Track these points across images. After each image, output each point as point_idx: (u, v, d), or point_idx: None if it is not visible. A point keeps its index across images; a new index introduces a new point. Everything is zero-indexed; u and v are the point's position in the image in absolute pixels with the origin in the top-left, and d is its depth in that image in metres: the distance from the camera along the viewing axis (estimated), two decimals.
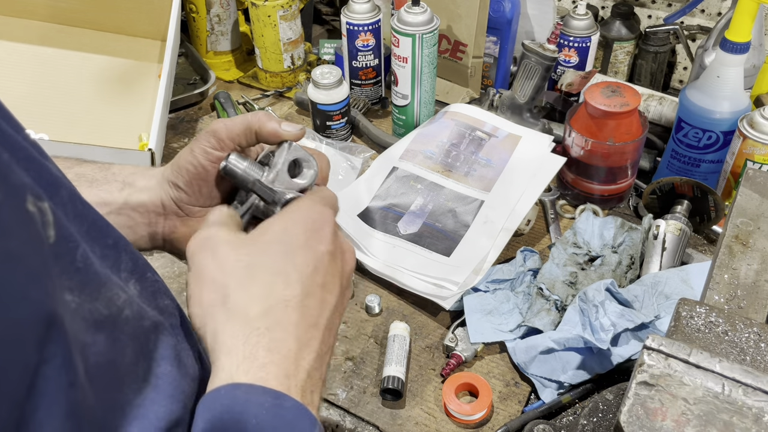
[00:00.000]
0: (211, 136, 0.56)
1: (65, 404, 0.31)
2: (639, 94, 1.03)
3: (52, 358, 0.30)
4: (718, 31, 1.13)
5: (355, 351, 0.92)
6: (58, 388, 0.30)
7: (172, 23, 1.22)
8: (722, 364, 0.51)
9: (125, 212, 0.57)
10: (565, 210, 1.12)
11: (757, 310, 0.62)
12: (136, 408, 0.38)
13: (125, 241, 0.45)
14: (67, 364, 0.31)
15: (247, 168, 0.55)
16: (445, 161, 1.11)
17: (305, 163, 0.57)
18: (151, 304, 0.44)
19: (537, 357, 0.85)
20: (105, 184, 0.57)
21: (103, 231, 0.42)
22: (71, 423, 0.31)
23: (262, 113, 0.57)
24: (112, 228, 0.44)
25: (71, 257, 0.35)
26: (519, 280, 0.96)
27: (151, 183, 0.58)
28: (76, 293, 0.35)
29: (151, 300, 0.45)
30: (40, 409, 0.29)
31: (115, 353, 0.37)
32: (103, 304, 0.38)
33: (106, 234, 0.43)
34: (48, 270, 0.31)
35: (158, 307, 0.46)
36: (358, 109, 1.29)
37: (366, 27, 1.24)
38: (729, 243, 0.68)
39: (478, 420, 0.83)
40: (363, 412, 0.85)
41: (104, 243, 0.42)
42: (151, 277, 0.47)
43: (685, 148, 1.06)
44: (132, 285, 0.43)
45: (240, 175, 0.55)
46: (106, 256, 0.41)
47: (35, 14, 1.32)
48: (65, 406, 0.31)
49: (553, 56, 1.13)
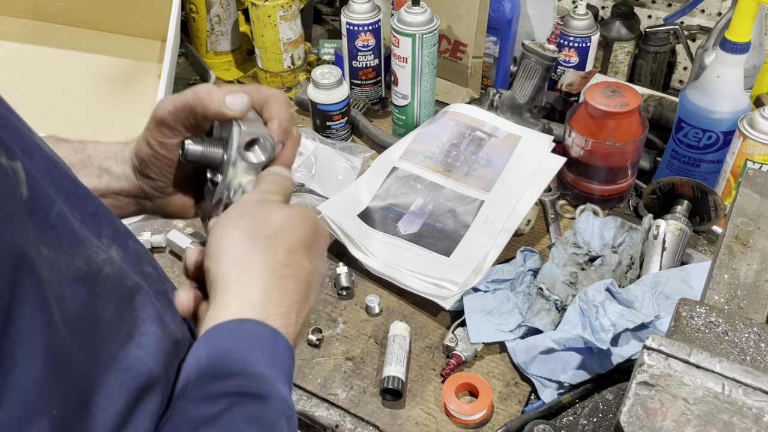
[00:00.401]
0: (160, 126, 0.55)
1: (43, 344, 0.32)
2: (639, 94, 1.03)
3: (26, 298, 0.31)
4: (718, 31, 1.13)
5: (355, 351, 0.92)
6: (35, 327, 0.31)
7: (172, 23, 1.22)
8: (722, 364, 0.51)
9: (110, 197, 0.59)
10: (565, 210, 1.12)
11: (757, 310, 0.62)
12: (117, 362, 0.39)
13: (106, 210, 0.46)
14: (44, 307, 0.32)
15: (205, 152, 0.55)
16: (445, 161, 1.11)
17: (259, 142, 0.56)
18: (134, 269, 0.45)
19: (537, 357, 0.85)
20: (83, 169, 0.58)
21: (83, 199, 0.43)
22: (48, 363, 0.32)
23: (203, 88, 0.54)
24: (93, 197, 0.45)
25: (45, 215, 0.37)
26: (519, 280, 0.96)
27: (127, 170, 0.59)
28: (52, 248, 0.36)
29: (134, 265, 0.46)
30: (18, 346, 0.30)
31: (95, 308, 0.38)
32: (82, 261, 0.38)
33: (85, 202, 0.43)
34: (20, 218, 0.33)
35: (141, 272, 0.46)
36: (358, 109, 1.29)
37: (366, 27, 1.24)
38: (729, 243, 0.68)
39: (478, 420, 0.83)
40: (363, 412, 0.85)
41: (84, 210, 0.43)
42: (133, 245, 0.48)
43: (685, 148, 1.06)
44: (114, 251, 0.44)
45: (200, 159, 0.55)
46: (86, 222, 0.42)
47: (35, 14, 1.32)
48: (43, 346, 0.32)
49: (553, 56, 1.13)
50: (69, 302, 0.36)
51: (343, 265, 1.01)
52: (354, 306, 0.98)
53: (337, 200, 1.08)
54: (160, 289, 0.48)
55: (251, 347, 0.44)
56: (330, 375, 0.89)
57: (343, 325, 0.95)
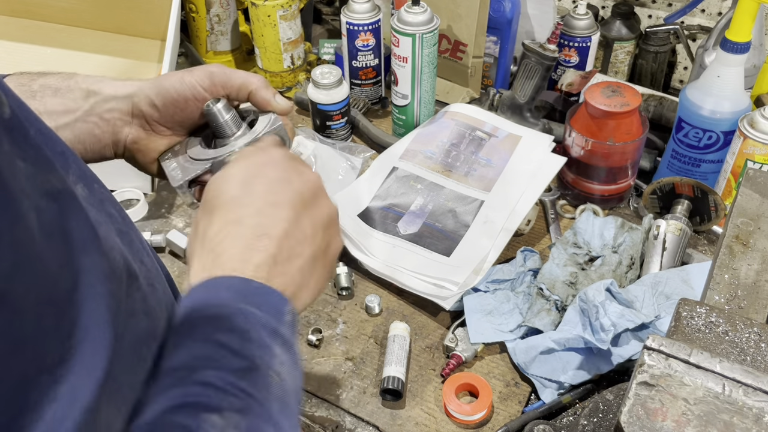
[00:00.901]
0: (207, 77, 0.60)
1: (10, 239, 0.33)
2: (639, 94, 1.03)
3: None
4: (718, 31, 1.13)
5: (355, 351, 0.92)
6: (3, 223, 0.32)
7: (171, 23, 1.21)
8: (723, 364, 0.51)
9: (91, 120, 0.60)
10: (566, 210, 1.12)
11: (757, 310, 0.62)
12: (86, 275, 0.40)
13: (74, 154, 0.47)
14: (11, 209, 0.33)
15: (228, 120, 0.60)
16: (445, 161, 1.11)
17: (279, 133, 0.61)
18: (98, 209, 0.46)
19: (537, 357, 0.85)
20: (69, 93, 0.60)
21: (52, 138, 0.45)
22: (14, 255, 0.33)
23: (261, 78, 0.62)
24: (61, 140, 0.46)
25: (25, 134, 0.38)
26: (519, 280, 0.96)
27: (120, 92, 0.61)
28: (29, 163, 0.37)
29: (99, 207, 0.47)
30: None
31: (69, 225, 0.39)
32: (57, 180, 0.40)
33: (54, 141, 0.45)
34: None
35: (106, 212, 0.48)
36: (358, 109, 1.29)
37: (366, 27, 1.24)
38: (729, 243, 0.68)
39: (478, 420, 0.83)
40: (363, 413, 0.85)
41: (53, 149, 0.44)
42: (98, 188, 0.49)
43: (686, 148, 1.06)
44: (79, 188, 0.45)
45: (219, 123, 0.60)
46: (56, 160, 0.43)
47: (35, 14, 1.32)
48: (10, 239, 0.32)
49: (553, 56, 1.13)
50: (44, 213, 0.37)
51: (343, 265, 1.01)
52: (354, 306, 0.98)
53: (337, 200, 1.07)
54: (122, 229, 0.49)
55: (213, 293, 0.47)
56: (330, 375, 0.89)
57: (343, 325, 0.95)
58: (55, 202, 0.39)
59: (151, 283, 0.49)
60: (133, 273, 0.46)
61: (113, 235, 0.45)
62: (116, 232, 0.47)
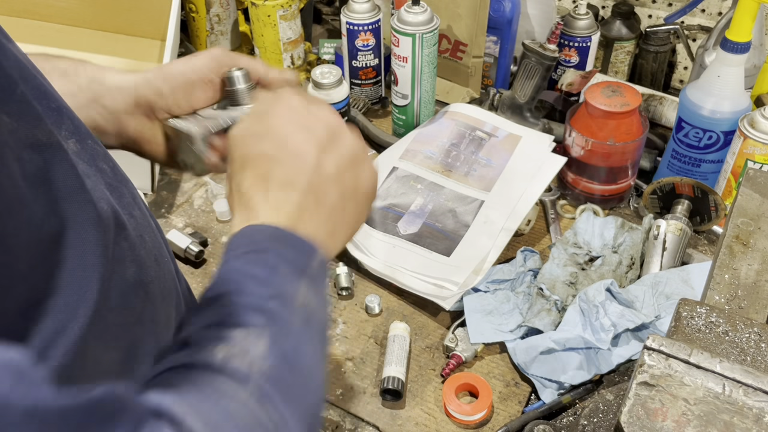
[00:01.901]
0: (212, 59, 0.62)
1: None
2: (639, 94, 1.03)
3: None
4: (718, 31, 1.13)
5: (355, 351, 0.92)
6: None
7: (171, 23, 1.21)
8: (723, 364, 0.51)
9: (95, 108, 0.61)
10: (566, 210, 1.12)
11: (757, 311, 0.62)
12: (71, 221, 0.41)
13: (69, 109, 0.48)
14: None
15: (246, 89, 0.62)
16: (445, 161, 1.11)
17: None
18: (89, 163, 0.47)
19: (537, 357, 0.85)
20: (75, 77, 0.61)
21: (48, 95, 0.45)
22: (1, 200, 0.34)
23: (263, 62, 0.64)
24: (59, 97, 0.47)
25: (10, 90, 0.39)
26: (519, 281, 0.96)
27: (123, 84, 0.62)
28: (13, 118, 0.38)
29: (90, 161, 0.48)
30: None
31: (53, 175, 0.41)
32: (43, 134, 0.41)
33: (49, 98, 0.45)
34: None
35: (97, 167, 0.49)
36: (358, 108, 1.29)
37: (366, 27, 1.24)
38: (729, 243, 0.68)
39: (478, 420, 0.83)
40: (363, 413, 0.85)
41: (47, 105, 0.45)
42: (92, 144, 0.50)
43: (686, 148, 1.06)
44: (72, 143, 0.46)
45: (237, 90, 0.62)
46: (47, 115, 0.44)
47: (35, 14, 1.32)
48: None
49: (553, 56, 1.13)
50: (28, 164, 0.38)
51: (343, 265, 1.01)
52: (354, 306, 0.98)
53: None
54: (112, 184, 0.50)
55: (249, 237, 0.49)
56: (330, 375, 0.89)
57: (343, 325, 0.95)
58: (39, 155, 0.40)
59: (140, 234, 0.51)
60: (121, 223, 0.47)
61: (102, 187, 0.47)
62: (105, 185, 0.48)
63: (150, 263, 0.52)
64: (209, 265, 1.05)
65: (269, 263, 0.47)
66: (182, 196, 1.17)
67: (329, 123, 0.55)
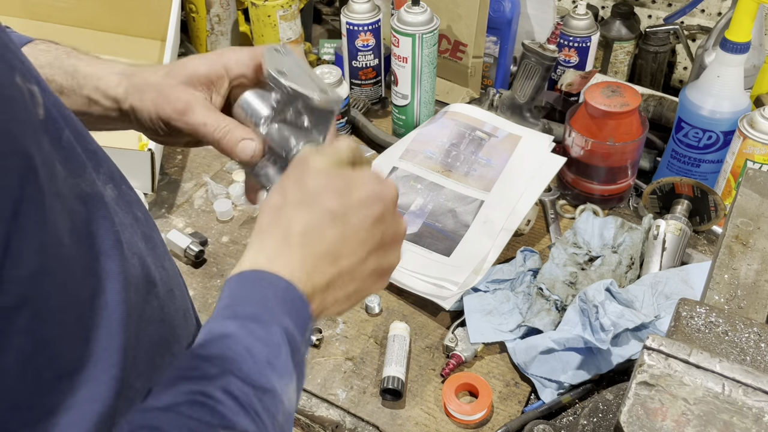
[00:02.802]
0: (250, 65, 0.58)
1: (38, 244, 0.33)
2: (639, 94, 1.03)
3: (30, 200, 0.32)
4: (718, 31, 1.13)
5: (355, 351, 0.92)
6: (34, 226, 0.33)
7: (172, 23, 1.22)
8: (722, 364, 0.51)
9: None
10: (565, 210, 1.12)
11: (757, 310, 0.62)
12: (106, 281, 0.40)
13: (104, 152, 0.48)
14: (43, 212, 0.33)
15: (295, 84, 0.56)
16: (445, 161, 1.11)
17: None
18: (126, 211, 0.47)
19: (537, 357, 0.85)
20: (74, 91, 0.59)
21: (85, 137, 0.45)
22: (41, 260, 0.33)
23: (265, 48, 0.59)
24: (93, 138, 0.47)
25: (58, 135, 0.39)
26: (519, 280, 0.96)
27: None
28: (61, 166, 0.37)
29: (126, 208, 0.47)
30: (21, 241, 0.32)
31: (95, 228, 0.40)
32: (87, 184, 0.41)
33: (87, 140, 0.45)
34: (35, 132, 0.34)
35: (133, 215, 0.48)
36: (358, 109, 1.29)
37: (366, 27, 1.24)
38: (729, 243, 0.68)
39: (478, 420, 0.83)
40: (363, 412, 0.85)
41: (85, 147, 0.44)
42: (126, 190, 0.49)
43: (685, 148, 1.06)
44: (109, 189, 0.45)
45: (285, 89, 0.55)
46: (88, 157, 0.43)
47: (35, 14, 1.32)
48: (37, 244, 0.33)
49: (553, 56, 1.13)
50: (76, 215, 0.37)
51: None
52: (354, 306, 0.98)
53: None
54: (147, 233, 0.49)
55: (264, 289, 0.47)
56: (330, 375, 0.89)
57: (343, 325, 0.95)
58: (84, 206, 0.39)
59: (170, 289, 0.49)
60: (152, 279, 0.46)
61: (137, 239, 0.46)
62: (141, 235, 0.47)
63: (179, 321, 0.50)
64: (209, 265, 1.05)
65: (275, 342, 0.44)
66: (182, 196, 1.17)
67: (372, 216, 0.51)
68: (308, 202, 0.50)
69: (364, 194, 0.51)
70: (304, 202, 0.50)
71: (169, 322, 0.48)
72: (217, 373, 0.41)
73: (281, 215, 0.50)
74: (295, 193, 0.51)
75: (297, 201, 0.50)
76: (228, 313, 0.45)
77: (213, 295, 1.00)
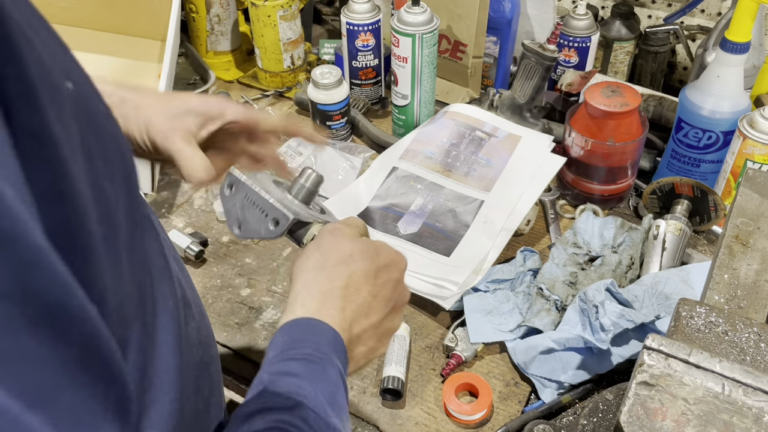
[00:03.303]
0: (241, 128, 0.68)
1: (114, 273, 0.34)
2: (639, 94, 1.03)
3: None
4: (718, 31, 1.13)
5: None
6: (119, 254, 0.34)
7: (172, 23, 1.21)
8: (722, 364, 0.51)
9: None
10: (565, 210, 1.12)
11: (757, 310, 0.62)
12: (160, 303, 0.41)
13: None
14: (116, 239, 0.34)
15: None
16: (445, 161, 1.11)
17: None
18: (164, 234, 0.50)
19: (537, 357, 0.85)
20: None
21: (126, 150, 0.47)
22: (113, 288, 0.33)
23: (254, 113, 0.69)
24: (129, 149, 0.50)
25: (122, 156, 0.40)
26: (519, 280, 0.96)
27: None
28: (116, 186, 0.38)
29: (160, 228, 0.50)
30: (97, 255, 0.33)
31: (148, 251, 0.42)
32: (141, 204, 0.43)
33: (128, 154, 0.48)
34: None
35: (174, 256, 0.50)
36: (358, 109, 1.29)
37: (366, 27, 1.24)
38: (729, 243, 0.68)
39: (478, 420, 0.83)
40: (363, 412, 0.85)
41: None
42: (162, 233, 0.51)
43: (685, 148, 1.06)
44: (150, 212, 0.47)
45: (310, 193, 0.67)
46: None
47: None
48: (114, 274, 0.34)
49: (553, 56, 1.13)
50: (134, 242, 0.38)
51: None
52: None
53: (336, 200, 1.08)
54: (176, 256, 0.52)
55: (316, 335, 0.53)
56: None
57: None
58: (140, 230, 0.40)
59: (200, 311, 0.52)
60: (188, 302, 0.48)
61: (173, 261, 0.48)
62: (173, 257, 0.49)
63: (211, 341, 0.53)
64: (209, 265, 1.05)
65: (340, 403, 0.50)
66: (182, 196, 1.17)
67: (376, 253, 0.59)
68: (346, 261, 0.57)
69: (388, 259, 0.59)
70: (343, 262, 0.57)
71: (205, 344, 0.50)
72: (294, 405, 0.46)
73: (324, 272, 0.57)
74: (335, 255, 0.58)
75: (337, 261, 0.57)
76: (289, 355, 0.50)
77: (213, 295, 1.00)
